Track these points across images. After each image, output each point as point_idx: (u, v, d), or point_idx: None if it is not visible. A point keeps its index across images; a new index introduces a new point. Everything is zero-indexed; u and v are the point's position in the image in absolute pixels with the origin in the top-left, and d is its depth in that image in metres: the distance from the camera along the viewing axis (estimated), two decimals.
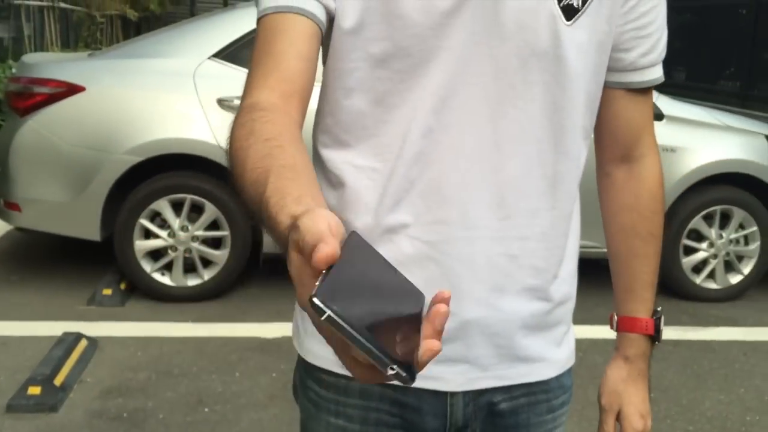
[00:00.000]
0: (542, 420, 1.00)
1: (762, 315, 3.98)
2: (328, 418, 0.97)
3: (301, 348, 1.01)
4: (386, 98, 0.88)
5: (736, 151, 4.05)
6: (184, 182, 3.67)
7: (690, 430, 2.80)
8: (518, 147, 0.89)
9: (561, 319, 1.00)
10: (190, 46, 3.77)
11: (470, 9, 0.85)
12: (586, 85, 0.92)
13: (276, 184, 0.64)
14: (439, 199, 0.88)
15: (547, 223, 0.93)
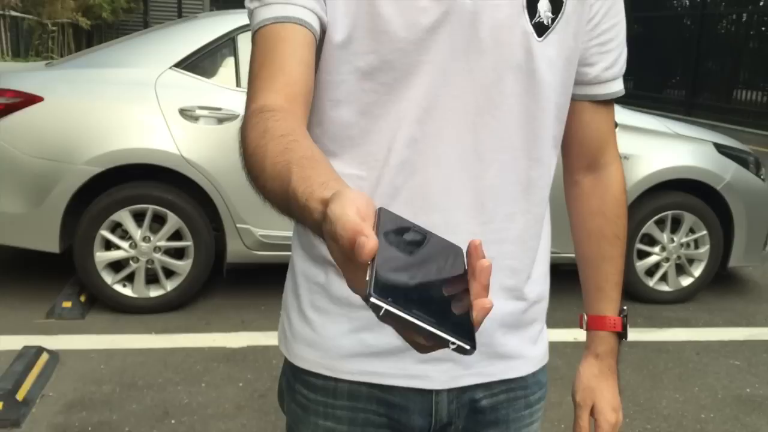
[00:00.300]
0: (520, 415, 1.05)
1: (713, 316, 4.12)
2: (317, 421, 1.00)
3: (289, 353, 1.03)
4: (372, 109, 0.92)
5: (686, 158, 4.20)
6: (146, 192, 3.65)
7: (648, 428, 2.90)
8: (496, 155, 0.94)
9: (536, 318, 1.06)
10: (150, 55, 3.76)
11: (450, 26, 0.90)
12: (556, 97, 0.98)
13: (300, 174, 0.66)
14: (424, 205, 0.93)
15: (521, 226, 0.99)
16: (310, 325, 1.00)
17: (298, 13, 0.87)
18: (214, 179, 3.64)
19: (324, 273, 0.99)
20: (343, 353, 0.97)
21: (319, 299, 0.99)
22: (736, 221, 4.22)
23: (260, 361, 3.29)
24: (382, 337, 0.95)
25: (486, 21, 0.90)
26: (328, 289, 0.98)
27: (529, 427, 1.07)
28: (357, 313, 0.96)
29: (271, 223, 3.72)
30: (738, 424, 2.95)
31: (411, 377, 0.97)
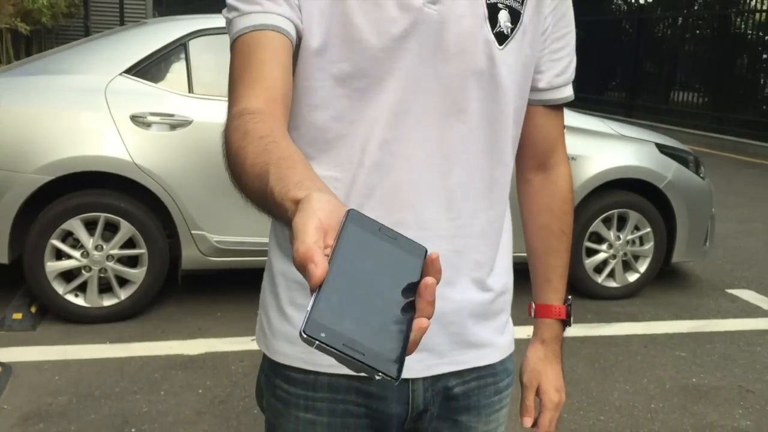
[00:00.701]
0: (490, 401, 1.11)
1: (658, 310, 4.27)
2: (297, 413, 1.03)
3: (269, 349, 1.06)
4: (346, 114, 0.97)
5: (630, 158, 4.34)
6: (98, 200, 3.60)
7: (601, 419, 2.99)
8: (462, 155, 1.00)
9: (502, 309, 1.12)
10: (100, 62, 3.71)
11: (418, 35, 0.95)
12: (515, 101, 1.04)
13: (277, 174, 0.70)
14: (396, 204, 0.98)
15: (485, 222, 1.05)
16: (290, 322, 1.03)
17: (276, 21, 0.91)
18: (168, 186, 3.61)
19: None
20: None
21: (298, 296, 1.03)
22: (678, 218, 4.38)
23: (219, 368, 3.28)
24: None
25: (451, 30, 0.96)
26: (306, 286, 1.01)
27: (498, 412, 1.13)
28: None
29: (226, 228, 3.71)
30: (686, 413, 3.07)
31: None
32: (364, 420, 1.04)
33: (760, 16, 12.52)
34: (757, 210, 7.11)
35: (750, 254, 5.52)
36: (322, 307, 0.57)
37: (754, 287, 4.75)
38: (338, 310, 0.58)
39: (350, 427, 1.03)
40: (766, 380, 3.40)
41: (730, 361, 3.61)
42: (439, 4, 0.95)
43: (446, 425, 1.09)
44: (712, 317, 4.20)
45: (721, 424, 2.99)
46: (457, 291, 1.03)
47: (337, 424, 1.02)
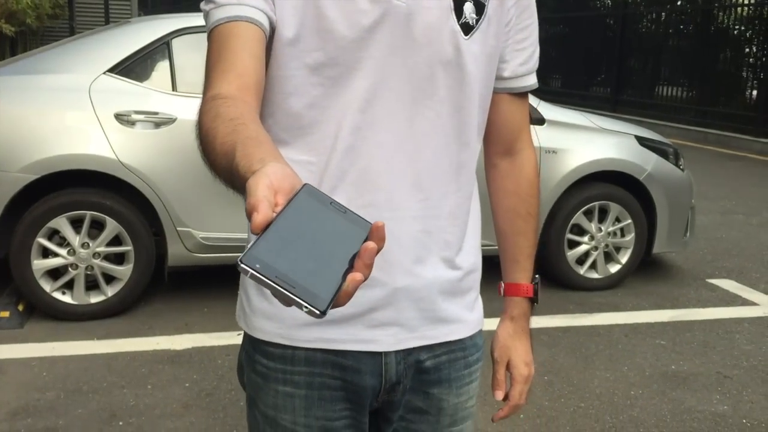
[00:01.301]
0: (461, 374, 1.16)
1: (639, 300, 4.34)
2: (276, 387, 1.08)
3: (248, 326, 1.11)
4: (319, 101, 1.02)
5: (610, 150, 4.40)
6: (83, 198, 3.63)
7: (582, 406, 3.05)
8: (430, 140, 1.05)
9: (471, 287, 1.17)
10: (84, 61, 3.74)
11: (388, 25, 1.00)
12: (480, 88, 1.10)
13: (243, 152, 0.75)
14: (369, 186, 1.03)
15: (453, 203, 1.10)
16: (268, 299, 1.08)
17: (249, 12, 0.96)
18: (153, 183, 3.65)
19: None
20: (299, 322, 1.06)
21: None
22: (659, 209, 4.45)
23: (205, 362, 3.32)
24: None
25: (419, 21, 1.01)
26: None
27: (469, 385, 1.18)
28: None
29: (212, 225, 3.75)
30: (665, 399, 3.13)
31: (362, 342, 1.06)
32: (339, 392, 1.08)
33: (743, 10, 12.64)
34: (739, 202, 7.20)
35: (731, 245, 5.61)
36: (261, 245, 0.62)
37: (734, 277, 4.83)
38: (277, 251, 0.62)
39: (326, 399, 1.08)
40: (743, 366, 3.47)
41: (708, 348, 3.68)
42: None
43: (419, 397, 1.14)
44: (692, 306, 4.27)
45: (699, 409, 3.06)
46: (427, 269, 1.08)
47: (314, 396, 1.07)
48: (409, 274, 1.07)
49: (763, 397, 3.17)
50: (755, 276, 4.86)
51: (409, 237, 1.06)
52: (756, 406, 3.09)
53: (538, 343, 3.61)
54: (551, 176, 4.21)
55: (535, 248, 1.27)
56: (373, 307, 1.05)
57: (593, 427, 2.89)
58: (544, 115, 4.24)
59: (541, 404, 3.04)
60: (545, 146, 4.18)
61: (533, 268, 1.27)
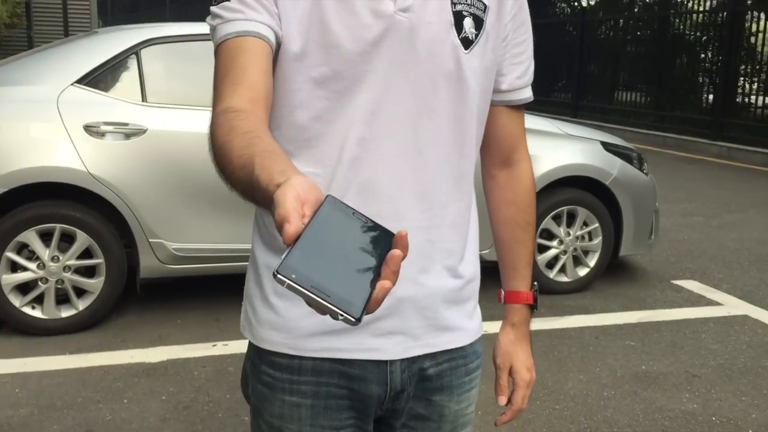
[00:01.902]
0: (462, 381, 1.19)
1: (608, 302, 4.42)
2: (283, 397, 1.09)
3: (254, 337, 1.12)
4: (325, 114, 1.04)
5: (577, 156, 4.49)
6: (53, 211, 3.58)
7: (557, 408, 3.11)
8: (433, 151, 1.08)
9: (471, 295, 1.20)
10: (52, 72, 3.69)
11: (391, 40, 1.03)
12: (479, 101, 1.13)
13: (262, 165, 0.78)
14: (374, 197, 1.05)
15: (455, 212, 1.13)
16: (274, 310, 1.09)
17: (257, 28, 0.98)
18: (124, 195, 3.62)
19: None
20: (305, 333, 1.07)
21: (281, 286, 1.09)
22: (624, 213, 4.55)
23: (181, 374, 3.30)
24: None
25: (421, 36, 1.04)
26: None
27: (469, 392, 1.21)
28: None
29: (184, 236, 3.73)
30: (637, 399, 3.20)
31: (368, 350, 1.09)
32: (345, 401, 1.10)
33: (698, 17, 12.96)
34: (698, 204, 7.38)
35: (693, 246, 5.75)
36: (295, 256, 0.65)
37: (697, 278, 4.95)
38: (309, 261, 0.65)
39: (332, 408, 1.09)
40: (710, 365, 3.57)
41: (677, 348, 3.77)
42: (409, 12, 1.03)
43: (421, 404, 1.16)
44: (659, 307, 4.37)
45: (670, 407, 3.13)
46: (431, 278, 1.10)
47: (320, 405, 1.09)
48: (413, 283, 1.09)
49: (730, 395, 3.26)
50: (718, 276, 4.99)
51: (413, 246, 1.07)
52: (724, 403, 3.18)
53: None
54: None
55: (532, 256, 1.30)
56: (379, 316, 1.07)
57: (569, 428, 2.94)
58: None
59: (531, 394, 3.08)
60: None
61: (531, 275, 1.30)
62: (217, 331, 3.74)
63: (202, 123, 3.74)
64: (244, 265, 3.86)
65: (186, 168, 3.67)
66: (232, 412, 2.98)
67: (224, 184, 0.85)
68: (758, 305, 4.43)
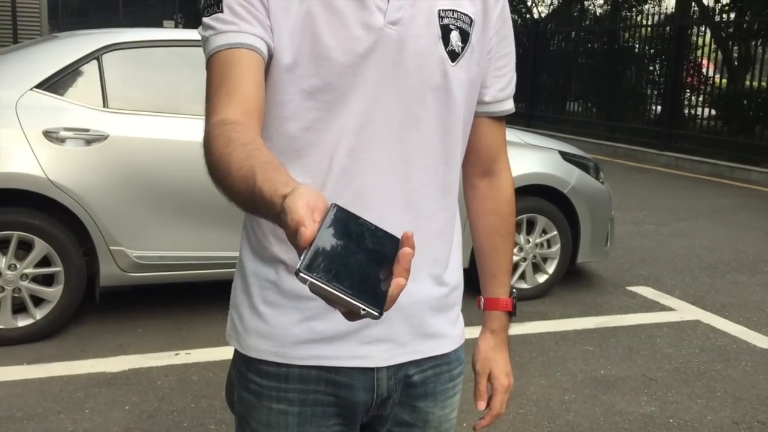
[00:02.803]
0: (445, 388, 1.21)
1: (567, 308, 4.51)
2: (270, 405, 1.10)
3: (241, 346, 1.13)
4: (315, 125, 1.06)
5: (536, 165, 4.57)
6: (10, 218, 3.51)
7: (521, 413, 3.16)
8: (420, 161, 1.11)
9: (455, 302, 1.23)
10: (10, 77, 3.61)
11: (380, 52, 1.05)
12: (464, 113, 1.16)
13: (264, 176, 0.79)
14: (362, 206, 1.05)
15: (441, 221, 1.16)
16: (262, 318, 1.10)
17: (249, 40, 1.00)
18: (84, 202, 3.56)
19: (275, 271, 1.10)
20: (294, 341, 1.09)
21: (270, 294, 1.10)
22: (582, 221, 4.65)
23: (144, 383, 3.25)
24: (329, 324, 1.08)
25: (410, 48, 1.07)
26: (279, 285, 1.10)
27: (452, 398, 1.23)
28: (306, 304, 1.08)
29: (146, 243, 3.68)
30: (597, 402, 3.28)
31: (355, 358, 1.10)
32: (332, 408, 1.11)
33: (646, 30, 13.32)
34: (649, 212, 7.58)
35: (645, 253, 5.90)
36: (313, 256, 0.67)
37: (651, 284, 5.09)
38: (326, 262, 0.68)
39: (320, 415, 1.11)
40: (666, 369, 3.67)
41: (633, 352, 3.87)
42: (398, 25, 1.06)
43: (405, 411, 1.18)
44: (615, 313, 4.48)
45: (628, 411, 3.21)
46: (417, 286, 1.12)
47: (307, 412, 1.10)
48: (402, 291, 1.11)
49: (686, 397, 3.36)
50: (670, 283, 5.14)
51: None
52: (680, 406, 3.28)
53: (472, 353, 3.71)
54: None
55: (511, 264, 1.33)
56: (367, 324, 1.08)
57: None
58: None
59: (482, 413, 3.12)
60: None
61: (510, 282, 1.33)
62: (179, 340, 3.70)
63: (163, 129, 3.71)
64: (206, 273, 3.84)
65: (148, 174, 3.63)
66: (198, 420, 2.96)
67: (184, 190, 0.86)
68: (709, 310, 4.58)
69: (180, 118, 3.74)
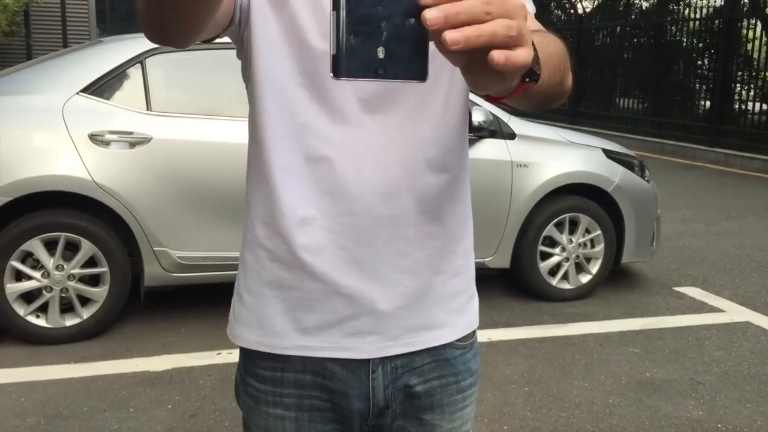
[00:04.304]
0: (453, 400, 1.15)
1: (611, 309, 4.43)
2: (267, 409, 1.09)
3: (232, 334, 1.12)
4: (294, 109, 1.02)
5: (579, 164, 4.50)
6: (57, 220, 3.58)
7: (563, 416, 3.11)
8: (403, 148, 1.04)
9: (459, 290, 1.14)
10: (57, 81, 3.70)
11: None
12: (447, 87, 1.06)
13: None
14: (344, 196, 1.02)
15: (432, 207, 1.07)
16: (248, 307, 1.09)
17: None
18: (128, 203, 3.62)
19: (255, 257, 1.08)
20: (278, 330, 1.07)
21: (253, 283, 1.09)
22: (626, 220, 4.56)
23: (186, 383, 3.30)
24: (313, 315, 1.05)
25: None
26: (260, 273, 1.08)
27: (462, 410, 1.16)
28: (288, 294, 1.06)
29: (188, 244, 3.73)
30: (642, 406, 3.21)
31: (342, 349, 1.07)
32: (329, 413, 1.09)
33: (694, 24, 13.03)
34: (698, 211, 7.40)
35: (694, 253, 5.76)
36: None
37: (699, 284, 4.97)
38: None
39: (316, 420, 1.09)
40: (714, 372, 3.58)
41: (680, 355, 3.78)
42: None
43: (412, 424, 1.13)
44: (662, 314, 4.38)
45: (675, 415, 3.14)
46: (407, 276, 1.07)
47: (304, 418, 1.08)
48: (393, 284, 1.06)
49: (735, 402, 3.26)
50: (719, 283, 5.01)
51: (387, 245, 1.05)
52: (729, 410, 3.19)
53: (516, 355, 3.67)
54: (523, 189, 4.29)
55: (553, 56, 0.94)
56: (353, 315, 1.05)
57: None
58: (514, 130, 4.32)
59: (524, 415, 3.09)
60: (516, 160, 4.26)
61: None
62: (221, 340, 3.74)
63: (206, 132, 3.75)
64: None
65: (190, 176, 3.68)
66: (238, 421, 2.98)
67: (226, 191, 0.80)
68: (760, 312, 4.45)
69: (221, 120, 3.78)
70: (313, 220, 1.03)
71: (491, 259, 4.27)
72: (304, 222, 1.03)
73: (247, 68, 1.05)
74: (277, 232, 1.05)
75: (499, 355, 3.63)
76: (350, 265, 1.04)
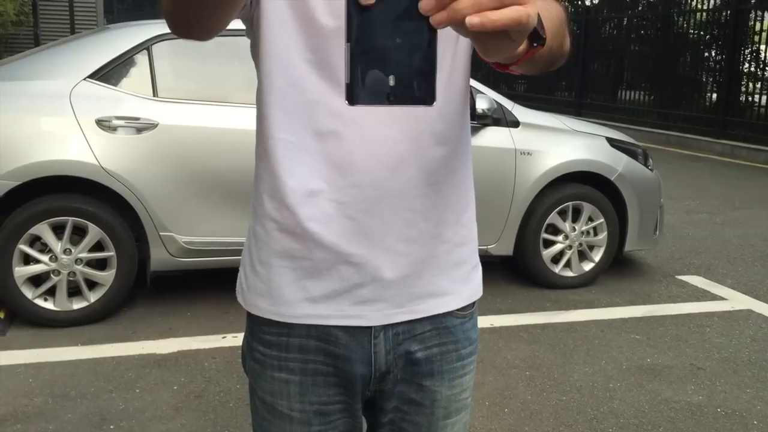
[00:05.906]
0: (453, 367, 1.18)
1: (613, 296, 4.46)
2: (272, 373, 1.13)
3: (246, 303, 1.16)
4: (302, 84, 1.04)
5: (583, 152, 4.52)
6: (65, 204, 3.63)
7: (564, 399, 3.14)
8: (408, 121, 1.06)
9: (462, 259, 1.17)
10: (64, 67, 3.74)
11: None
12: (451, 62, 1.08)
13: None
14: (351, 168, 1.05)
15: (438, 179, 1.10)
16: (259, 277, 1.12)
17: None
18: (135, 188, 3.66)
19: (264, 229, 1.12)
20: (288, 299, 1.10)
21: (264, 254, 1.12)
22: (630, 209, 4.58)
23: (192, 365, 3.34)
24: (321, 284, 1.09)
25: None
26: (270, 244, 1.11)
27: (462, 378, 1.20)
28: (297, 264, 1.09)
29: (194, 229, 3.77)
30: (642, 390, 3.24)
31: (348, 317, 1.10)
32: (332, 378, 1.13)
33: (701, 15, 12.98)
34: (702, 201, 7.41)
35: (697, 242, 5.78)
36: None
37: (702, 273, 4.99)
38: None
39: (320, 384, 1.12)
40: (715, 358, 3.60)
41: (681, 342, 3.80)
42: None
43: (412, 389, 1.17)
44: (664, 302, 4.40)
45: (675, 399, 3.17)
46: (413, 245, 1.10)
47: (308, 382, 1.12)
48: (396, 253, 1.09)
49: (735, 387, 3.29)
50: (722, 272, 5.03)
51: (393, 215, 1.08)
52: (729, 395, 3.22)
53: (518, 340, 3.70)
54: (527, 177, 4.31)
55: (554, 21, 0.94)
56: (359, 284, 1.08)
57: (575, 419, 2.98)
58: (518, 118, 4.34)
59: (525, 398, 3.12)
60: (520, 148, 4.28)
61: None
62: (226, 324, 3.79)
63: (212, 118, 3.79)
64: None
65: (197, 162, 3.72)
66: (243, 401, 3.02)
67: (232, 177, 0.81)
68: (762, 300, 4.47)
69: (227, 107, 3.82)
70: (321, 193, 1.06)
71: (495, 247, 4.30)
72: (311, 194, 1.06)
73: (257, 46, 1.08)
74: (284, 204, 1.08)
75: (501, 341, 3.66)
76: (357, 234, 1.06)
